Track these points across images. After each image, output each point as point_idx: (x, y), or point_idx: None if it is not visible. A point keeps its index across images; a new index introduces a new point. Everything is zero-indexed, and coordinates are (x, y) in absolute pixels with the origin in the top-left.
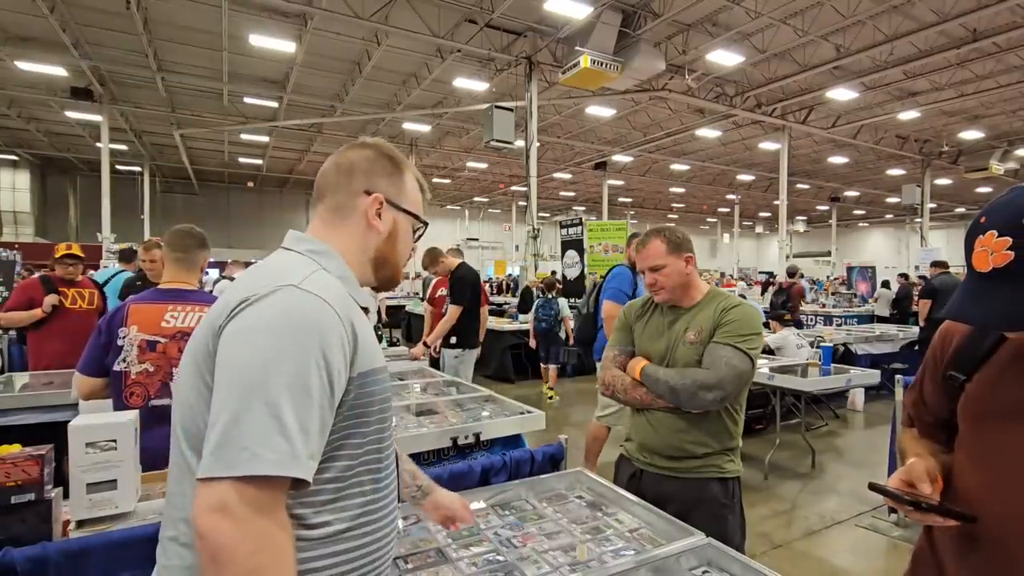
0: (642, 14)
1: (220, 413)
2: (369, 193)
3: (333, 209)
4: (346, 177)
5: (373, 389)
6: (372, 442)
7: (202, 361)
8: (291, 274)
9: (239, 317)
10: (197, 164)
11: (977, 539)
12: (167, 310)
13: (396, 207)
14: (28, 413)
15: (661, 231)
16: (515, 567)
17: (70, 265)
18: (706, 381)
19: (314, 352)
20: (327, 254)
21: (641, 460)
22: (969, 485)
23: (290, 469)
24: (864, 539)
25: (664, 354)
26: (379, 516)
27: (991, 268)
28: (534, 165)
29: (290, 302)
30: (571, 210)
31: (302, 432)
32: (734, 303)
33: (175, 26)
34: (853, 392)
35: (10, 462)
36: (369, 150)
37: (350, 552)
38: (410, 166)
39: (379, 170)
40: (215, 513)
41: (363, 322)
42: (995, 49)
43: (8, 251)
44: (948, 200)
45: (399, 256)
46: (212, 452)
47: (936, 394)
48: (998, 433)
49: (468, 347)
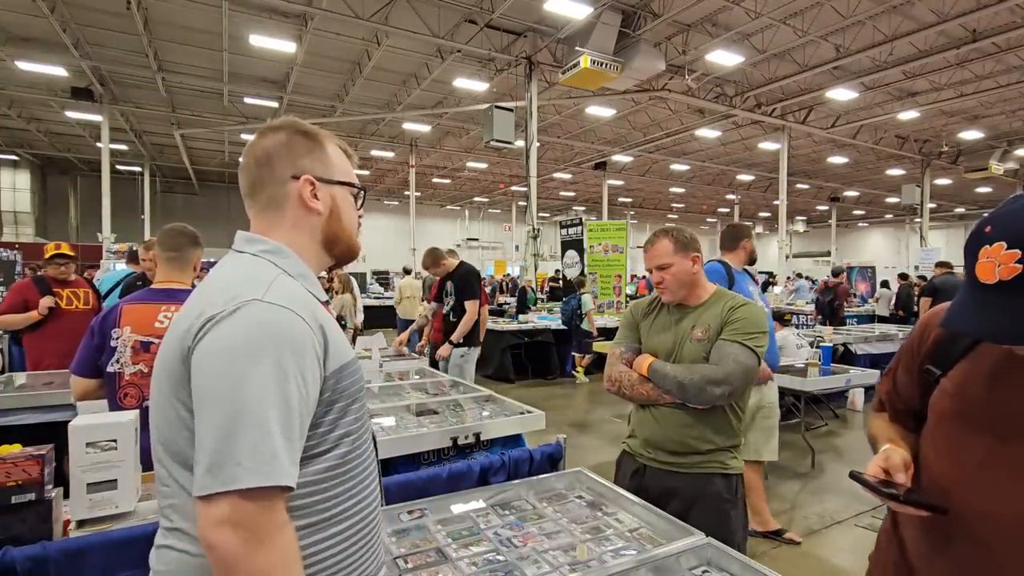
0: (642, 14)
1: (208, 433)
2: (296, 177)
3: (266, 204)
4: (267, 168)
5: (346, 383)
6: (349, 429)
7: (175, 384)
8: (253, 285)
9: (208, 338)
10: (197, 164)
11: (946, 529)
12: (160, 310)
13: (328, 182)
14: (28, 413)
15: (669, 231)
16: (515, 567)
17: (61, 265)
18: (714, 376)
19: (290, 365)
20: (281, 252)
21: (645, 456)
22: (934, 477)
23: (280, 478)
24: (864, 539)
25: (671, 351)
26: (360, 499)
27: (997, 280)
28: (534, 165)
29: (259, 318)
30: (571, 210)
31: (287, 442)
32: (740, 303)
33: (175, 26)
34: (853, 392)
35: (10, 462)
36: (280, 133)
37: (336, 536)
38: (328, 135)
39: (298, 150)
40: (221, 527)
41: (329, 320)
42: (995, 49)
43: (8, 251)
44: (948, 200)
45: (348, 230)
46: (208, 471)
47: (910, 385)
48: (963, 433)
49: (473, 345)
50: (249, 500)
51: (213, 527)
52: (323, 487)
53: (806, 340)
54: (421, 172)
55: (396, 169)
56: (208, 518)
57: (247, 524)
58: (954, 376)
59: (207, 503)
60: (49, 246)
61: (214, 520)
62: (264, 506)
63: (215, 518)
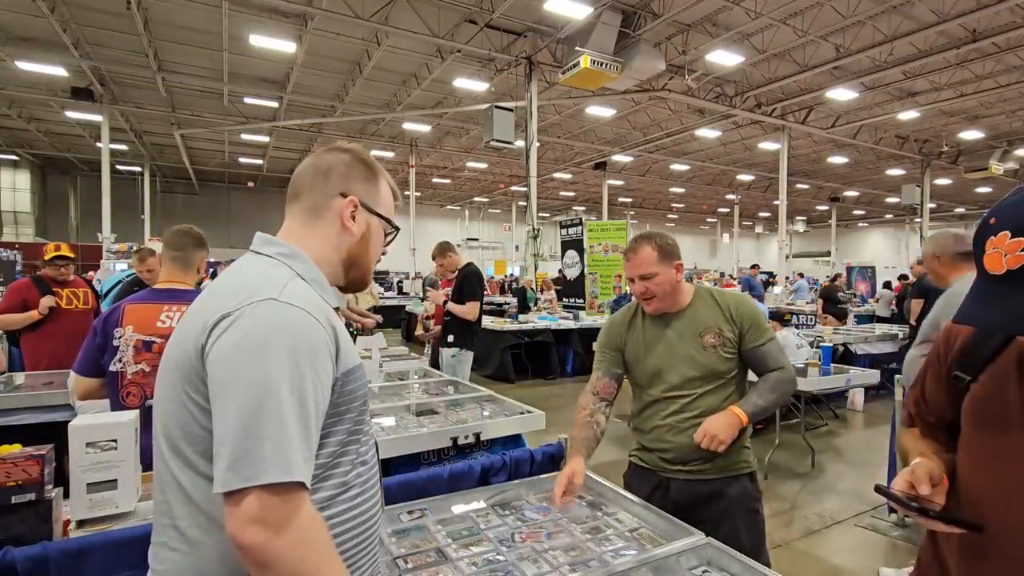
0: (642, 14)
1: (229, 430)
2: (344, 195)
3: (308, 209)
4: (323, 178)
5: (353, 387)
6: (351, 435)
7: (187, 380)
8: (269, 285)
9: (226, 336)
10: (197, 164)
11: (982, 547)
12: (163, 310)
13: (370, 210)
14: (28, 413)
15: (651, 237)
16: (515, 567)
17: (61, 267)
18: (788, 378)
19: (306, 363)
20: (296, 256)
21: (669, 469)
22: (972, 490)
23: (302, 474)
24: (864, 539)
25: (670, 364)
26: (360, 502)
27: (1005, 270)
28: (534, 165)
29: (275, 317)
30: (571, 210)
31: (305, 439)
32: (734, 300)
33: (175, 26)
34: (853, 392)
35: (10, 462)
36: (346, 154)
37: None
38: (384, 173)
39: (355, 174)
40: (252, 525)
41: (340, 325)
42: (995, 49)
43: (8, 251)
44: (948, 200)
45: (370, 258)
46: (230, 466)
47: (939, 394)
48: (1002, 438)
49: (465, 348)
50: (274, 495)
51: (244, 526)
52: (325, 488)
53: (806, 340)
54: (421, 172)
55: (396, 169)
56: (236, 518)
57: (275, 520)
58: (984, 381)
59: (233, 502)
60: (48, 247)
61: (245, 519)
62: (289, 500)
63: (246, 516)
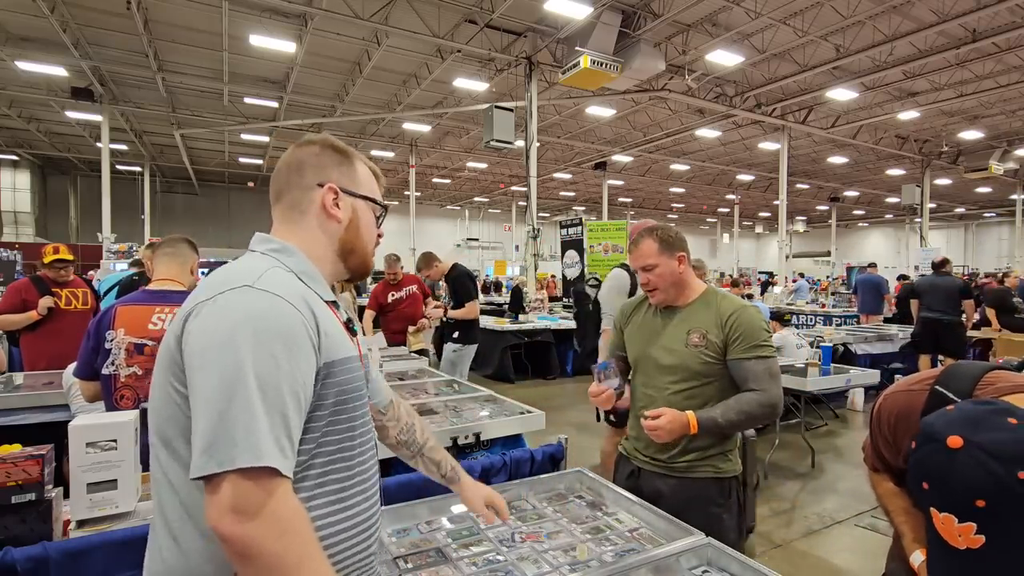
0: (642, 14)
1: (202, 416)
2: (322, 185)
3: (291, 207)
4: (297, 174)
5: (342, 379)
6: (343, 432)
7: (170, 370)
8: (247, 274)
9: (196, 322)
10: (197, 164)
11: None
12: (154, 312)
13: (352, 194)
14: (28, 413)
15: (653, 230)
16: (515, 567)
17: (60, 269)
18: (764, 402)
19: (276, 347)
20: (287, 250)
21: (639, 458)
22: None
23: (274, 459)
24: (864, 539)
25: (658, 355)
26: (352, 506)
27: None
28: (534, 165)
29: (245, 303)
30: (571, 210)
31: (278, 425)
32: (733, 307)
33: (175, 26)
34: (853, 392)
35: (10, 462)
36: (315, 145)
37: (336, 537)
38: (359, 155)
39: (327, 162)
40: (229, 515)
41: (326, 314)
42: (995, 49)
43: (8, 251)
44: (948, 200)
45: (364, 243)
46: (204, 451)
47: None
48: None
49: (468, 343)
50: (247, 479)
51: (222, 516)
52: (317, 483)
53: (806, 340)
54: (421, 172)
55: (396, 169)
56: (214, 506)
57: (249, 506)
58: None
59: (210, 490)
60: (47, 249)
61: (222, 508)
62: (264, 486)
63: (223, 506)
